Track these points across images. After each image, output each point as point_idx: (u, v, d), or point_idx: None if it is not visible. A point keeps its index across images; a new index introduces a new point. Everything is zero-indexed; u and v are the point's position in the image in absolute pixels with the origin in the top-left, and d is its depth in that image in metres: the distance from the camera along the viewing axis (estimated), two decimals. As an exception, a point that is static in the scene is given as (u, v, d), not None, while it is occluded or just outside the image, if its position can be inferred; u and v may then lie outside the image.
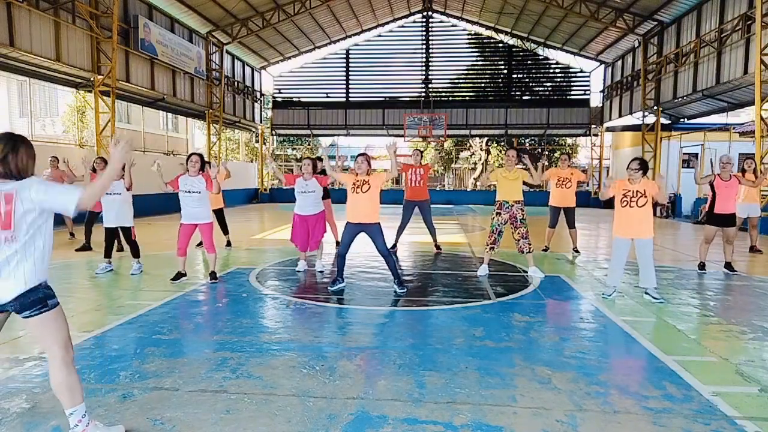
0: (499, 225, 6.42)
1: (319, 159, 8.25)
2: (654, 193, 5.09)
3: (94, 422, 2.38)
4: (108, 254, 6.42)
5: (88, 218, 8.29)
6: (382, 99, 25.46)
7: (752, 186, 7.72)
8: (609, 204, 5.37)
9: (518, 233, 6.37)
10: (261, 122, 26.36)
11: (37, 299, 2.23)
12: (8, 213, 2.17)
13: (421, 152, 8.80)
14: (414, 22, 24.91)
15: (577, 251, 8.30)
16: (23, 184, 2.22)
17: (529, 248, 6.38)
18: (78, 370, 2.42)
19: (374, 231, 5.40)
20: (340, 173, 5.68)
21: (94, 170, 8.08)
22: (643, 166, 5.12)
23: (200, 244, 6.95)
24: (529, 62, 25.13)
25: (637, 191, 5.06)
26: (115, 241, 6.53)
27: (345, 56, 25.36)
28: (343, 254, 5.54)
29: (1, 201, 2.19)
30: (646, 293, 5.23)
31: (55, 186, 2.27)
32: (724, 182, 6.66)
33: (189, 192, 5.79)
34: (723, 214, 6.66)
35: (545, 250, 8.36)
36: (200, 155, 6.01)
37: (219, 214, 8.70)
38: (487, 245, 6.51)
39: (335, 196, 9.48)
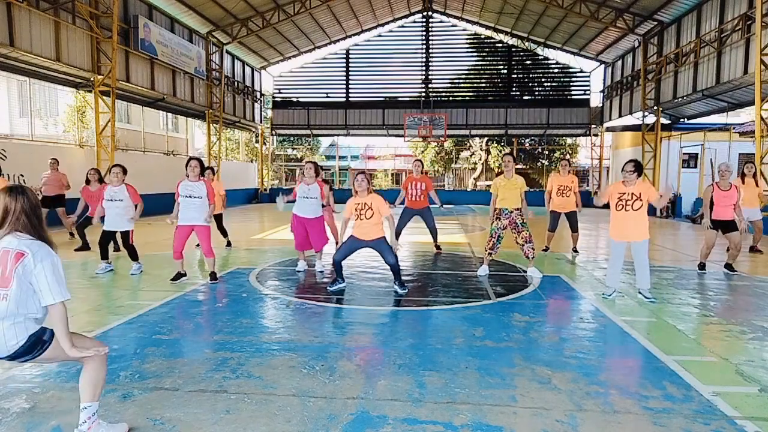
0: (498, 229, 6.41)
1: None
2: (652, 198, 5.03)
3: (98, 420, 2.40)
4: (104, 256, 6.41)
5: (82, 223, 8.02)
6: (382, 99, 25.46)
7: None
8: (609, 204, 5.35)
9: (521, 238, 6.35)
10: (261, 122, 26.36)
11: (31, 344, 2.19)
12: (11, 270, 2.13)
13: (422, 162, 8.78)
14: (414, 22, 24.90)
15: (576, 251, 8.31)
16: (39, 250, 2.16)
17: (533, 253, 6.37)
18: (78, 371, 2.42)
19: (380, 245, 5.38)
20: (346, 209, 5.45)
21: (87, 182, 7.87)
22: (638, 168, 5.10)
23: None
24: (528, 62, 25.11)
25: (632, 194, 5.03)
26: (111, 242, 6.51)
27: (345, 56, 25.35)
28: (338, 261, 5.48)
29: (10, 256, 2.14)
30: (640, 292, 5.24)
31: (53, 275, 2.16)
32: (722, 192, 6.61)
33: (190, 197, 5.74)
34: (721, 221, 6.65)
35: (545, 251, 8.36)
36: (199, 160, 5.95)
37: (218, 219, 8.65)
38: (486, 249, 6.51)
39: (336, 196, 9.44)
